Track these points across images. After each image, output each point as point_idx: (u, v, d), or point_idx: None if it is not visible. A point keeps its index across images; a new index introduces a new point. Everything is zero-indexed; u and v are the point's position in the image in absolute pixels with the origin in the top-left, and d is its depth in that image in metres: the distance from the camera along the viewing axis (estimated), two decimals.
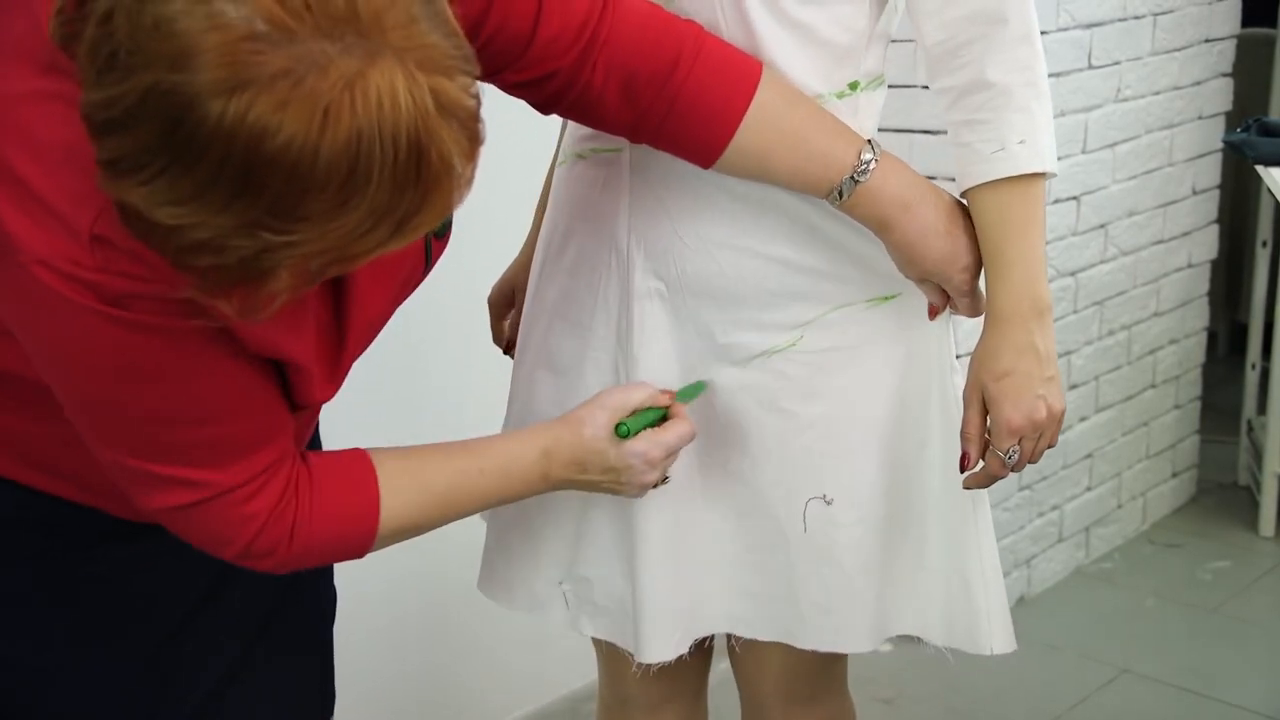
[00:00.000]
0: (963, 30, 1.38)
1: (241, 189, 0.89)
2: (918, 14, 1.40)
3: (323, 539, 1.20)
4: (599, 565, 1.52)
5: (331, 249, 0.94)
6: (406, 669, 2.36)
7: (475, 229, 1.98)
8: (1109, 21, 2.92)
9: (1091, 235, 3.02)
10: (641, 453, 1.33)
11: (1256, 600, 3.10)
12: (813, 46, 1.38)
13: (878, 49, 1.43)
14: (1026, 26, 1.38)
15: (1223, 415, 3.73)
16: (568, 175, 1.52)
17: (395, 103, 0.90)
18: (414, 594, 2.32)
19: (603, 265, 1.47)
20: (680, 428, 1.37)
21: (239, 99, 0.87)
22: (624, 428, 1.33)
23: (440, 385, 2.27)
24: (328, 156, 0.89)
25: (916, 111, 2.58)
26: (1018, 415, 1.41)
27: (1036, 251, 1.42)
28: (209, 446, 1.12)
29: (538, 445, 1.32)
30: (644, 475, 1.34)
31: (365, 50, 0.89)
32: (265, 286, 0.96)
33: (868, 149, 1.35)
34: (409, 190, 0.93)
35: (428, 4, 0.94)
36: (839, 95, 1.41)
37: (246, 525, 1.16)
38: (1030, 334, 1.41)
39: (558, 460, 1.32)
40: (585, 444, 1.32)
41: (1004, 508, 2.96)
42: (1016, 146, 1.38)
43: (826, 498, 1.44)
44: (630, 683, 1.65)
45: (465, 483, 1.28)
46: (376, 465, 1.23)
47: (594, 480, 1.35)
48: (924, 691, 2.66)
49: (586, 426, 1.32)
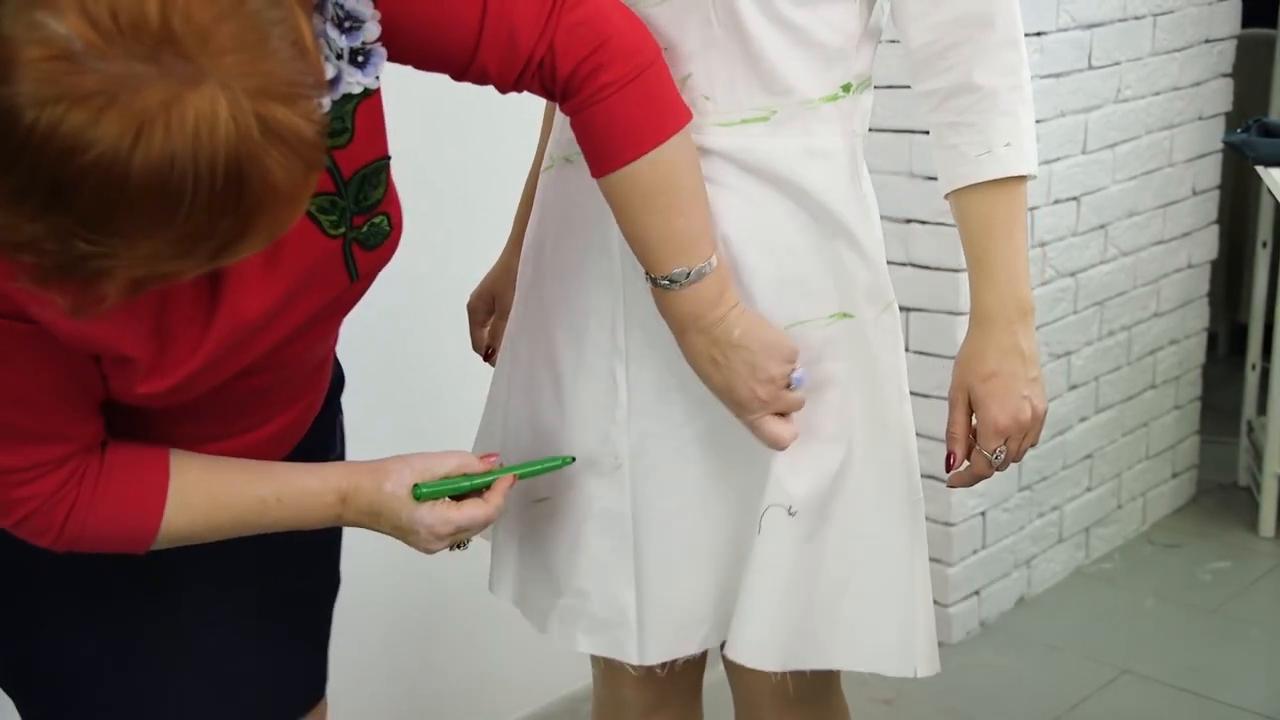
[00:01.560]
0: (949, 33, 1.39)
1: (52, 200, 0.90)
2: (903, 17, 1.41)
3: (95, 532, 1.23)
4: (594, 578, 1.51)
5: (146, 265, 0.94)
6: (405, 670, 2.36)
7: (475, 230, 1.99)
8: (1109, 22, 2.92)
9: (1091, 236, 3.02)
10: (427, 523, 1.33)
11: (1256, 600, 3.10)
12: (804, 48, 1.38)
13: (867, 51, 1.44)
14: (1013, 31, 1.39)
15: (1223, 416, 3.73)
16: (554, 180, 1.51)
17: (214, 128, 0.90)
18: (412, 595, 2.32)
19: (595, 270, 1.46)
20: (474, 510, 1.34)
21: (52, 111, 0.87)
22: (419, 490, 1.33)
23: (432, 385, 2.27)
24: (139, 177, 0.89)
25: (916, 112, 2.56)
26: (1004, 416, 1.42)
27: (1020, 254, 1.42)
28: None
29: (337, 488, 1.32)
30: (428, 543, 1.35)
31: (187, 73, 0.89)
32: (93, 288, 0.96)
33: (715, 258, 1.35)
34: (228, 216, 0.93)
35: (272, 26, 0.93)
36: (832, 98, 1.41)
37: (19, 506, 1.20)
38: (1015, 336, 1.42)
39: (353, 506, 1.32)
40: (383, 497, 1.32)
41: (1004, 508, 2.96)
42: (1003, 150, 1.39)
43: (791, 510, 1.43)
44: (627, 686, 1.65)
45: (258, 509, 1.29)
46: (174, 474, 1.25)
47: (386, 531, 1.35)
48: (924, 692, 2.66)
49: (388, 481, 1.32)
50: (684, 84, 1.38)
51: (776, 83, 1.38)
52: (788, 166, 1.40)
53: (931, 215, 2.68)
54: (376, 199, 1.25)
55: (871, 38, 1.44)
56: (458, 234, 2.13)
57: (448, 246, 2.08)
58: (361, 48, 1.18)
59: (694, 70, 1.38)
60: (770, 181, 1.40)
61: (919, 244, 2.70)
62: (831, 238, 1.42)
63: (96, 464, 1.22)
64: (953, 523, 2.84)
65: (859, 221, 1.44)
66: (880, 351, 1.47)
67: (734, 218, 1.39)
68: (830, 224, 1.42)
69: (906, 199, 2.64)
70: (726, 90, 1.38)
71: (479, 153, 2.22)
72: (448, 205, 2.21)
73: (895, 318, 1.49)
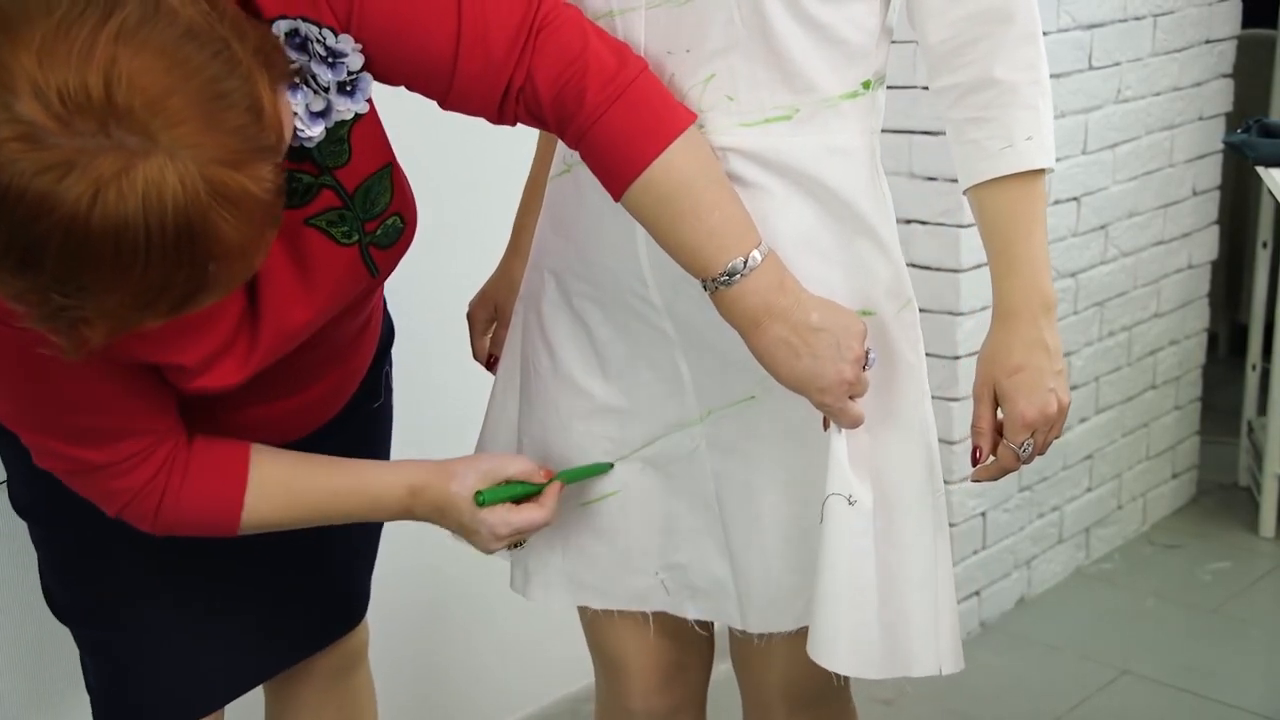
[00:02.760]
0: (968, 29, 1.38)
1: (27, 258, 1.02)
2: (921, 14, 1.40)
3: (186, 518, 1.37)
4: (689, 551, 1.54)
5: (115, 315, 1.06)
6: (405, 671, 2.36)
7: (476, 227, 1.98)
8: (1109, 22, 2.92)
9: (1092, 236, 3.02)
10: (489, 525, 1.43)
11: (1256, 601, 3.10)
12: (829, 45, 1.38)
13: (884, 48, 1.44)
14: (1032, 25, 1.39)
15: (1223, 416, 3.73)
16: (569, 184, 1.50)
17: (161, 192, 1.01)
18: (413, 595, 2.32)
19: (625, 270, 1.46)
20: (532, 514, 1.45)
21: (21, 180, 0.99)
22: (481, 497, 1.42)
23: (431, 385, 2.27)
24: (97, 235, 1.00)
25: (916, 112, 2.58)
26: (1032, 409, 1.41)
27: (1041, 248, 1.42)
28: (78, 432, 1.30)
29: (409, 483, 1.43)
30: (488, 543, 1.45)
31: (137, 144, 1.00)
32: (76, 333, 1.08)
33: (764, 243, 1.34)
34: (182, 269, 1.04)
35: (226, 95, 1.04)
36: (852, 95, 1.41)
37: (117, 496, 1.34)
38: (1040, 329, 1.41)
39: (422, 500, 1.43)
40: (449, 497, 1.43)
41: (1004, 509, 2.96)
42: (1024, 143, 1.39)
43: (851, 499, 1.41)
44: (633, 697, 1.65)
45: (334, 501, 1.42)
46: (254, 466, 1.38)
47: (449, 526, 1.46)
48: (924, 692, 2.66)
49: (454, 482, 1.43)
50: (706, 84, 1.38)
51: (799, 80, 1.38)
52: (810, 164, 1.40)
53: (931, 215, 2.68)
54: (385, 204, 1.33)
55: (887, 35, 1.44)
56: (462, 231, 2.13)
57: (452, 246, 2.08)
58: (348, 79, 1.26)
59: (717, 70, 1.37)
60: (793, 180, 1.40)
61: (919, 244, 2.70)
62: (854, 235, 1.42)
63: (185, 457, 1.35)
64: (953, 523, 2.84)
65: (880, 218, 1.44)
66: (901, 348, 1.46)
67: (757, 217, 1.38)
68: (852, 221, 1.42)
69: (906, 199, 2.64)
70: (749, 89, 1.38)
71: (480, 152, 2.22)
72: (447, 205, 2.21)
73: (914, 314, 1.48)
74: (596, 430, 1.53)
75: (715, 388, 1.48)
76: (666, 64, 1.38)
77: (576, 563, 1.59)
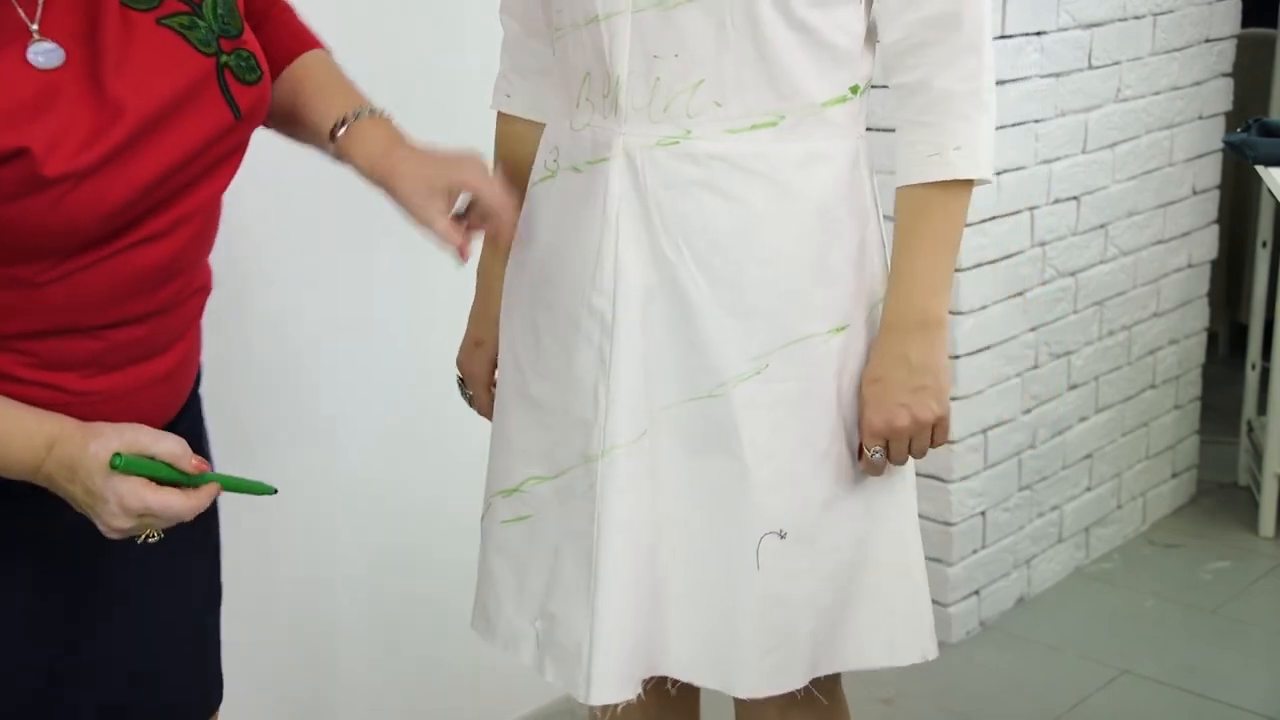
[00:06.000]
0: (919, 32, 1.40)
1: None
2: (883, 14, 1.42)
3: None
4: (564, 602, 1.50)
5: None
6: (405, 670, 2.36)
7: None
8: (1109, 21, 2.92)
9: (1091, 235, 3.02)
10: (119, 494, 1.26)
11: (1256, 600, 3.10)
12: (817, 49, 1.39)
13: (869, 53, 1.45)
14: (978, 36, 1.40)
15: (1223, 415, 3.74)
16: (556, 188, 1.50)
17: None
18: (413, 594, 2.32)
19: (589, 283, 1.45)
20: (170, 499, 1.27)
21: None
22: (117, 460, 1.26)
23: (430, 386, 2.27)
24: None
25: None
26: (877, 419, 1.44)
27: (942, 265, 1.43)
28: None
29: (49, 433, 1.28)
30: (113, 517, 1.27)
31: None
32: None
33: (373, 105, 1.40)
34: None
35: None
36: (840, 100, 1.41)
37: None
38: (905, 345, 1.43)
39: (55, 456, 1.28)
40: (85, 455, 1.27)
41: (1004, 508, 2.96)
42: (953, 153, 1.40)
43: (781, 532, 1.44)
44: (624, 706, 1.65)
45: None
46: None
47: (76, 493, 1.29)
48: (923, 691, 2.66)
49: (94, 441, 1.27)
50: (695, 90, 1.38)
51: (787, 85, 1.38)
52: (792, 172, 1.40)
53: None
54: (237, 29, 1.35)
55: (871, 40, 1.45)
56: None
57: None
58: None
59: (706, 76, 1.38)
60: (775, 191, 1.40)
61: None
62: (830, 245, 1.43)
63: None
64: (953, 523, 2.84)
65: (856, 224, 1.45)
66: (863, 353, 1.48)
67: (738, 232, 1.39)
68: (829, 229, 1.42)
69: None
70: (737, 95, 1.38)
71: None
72: None
73: (877, 316, 1.48)
74: (532, 445, 1.52)
75: (627, 423, 1.44)
76: (653, 68, 1.38)
77: (483, 582, 1.60)
